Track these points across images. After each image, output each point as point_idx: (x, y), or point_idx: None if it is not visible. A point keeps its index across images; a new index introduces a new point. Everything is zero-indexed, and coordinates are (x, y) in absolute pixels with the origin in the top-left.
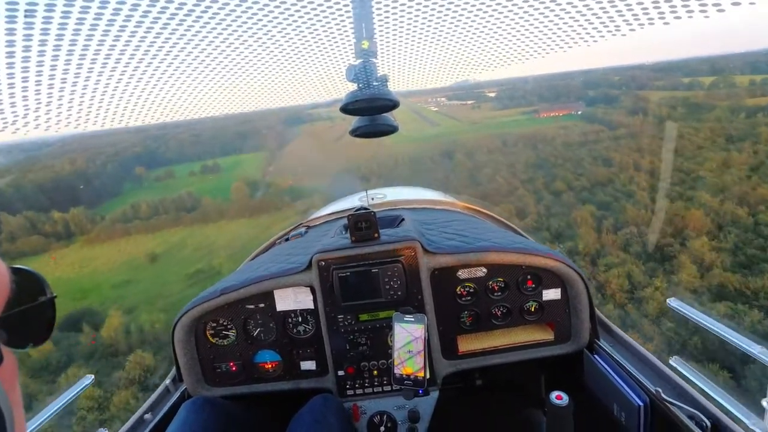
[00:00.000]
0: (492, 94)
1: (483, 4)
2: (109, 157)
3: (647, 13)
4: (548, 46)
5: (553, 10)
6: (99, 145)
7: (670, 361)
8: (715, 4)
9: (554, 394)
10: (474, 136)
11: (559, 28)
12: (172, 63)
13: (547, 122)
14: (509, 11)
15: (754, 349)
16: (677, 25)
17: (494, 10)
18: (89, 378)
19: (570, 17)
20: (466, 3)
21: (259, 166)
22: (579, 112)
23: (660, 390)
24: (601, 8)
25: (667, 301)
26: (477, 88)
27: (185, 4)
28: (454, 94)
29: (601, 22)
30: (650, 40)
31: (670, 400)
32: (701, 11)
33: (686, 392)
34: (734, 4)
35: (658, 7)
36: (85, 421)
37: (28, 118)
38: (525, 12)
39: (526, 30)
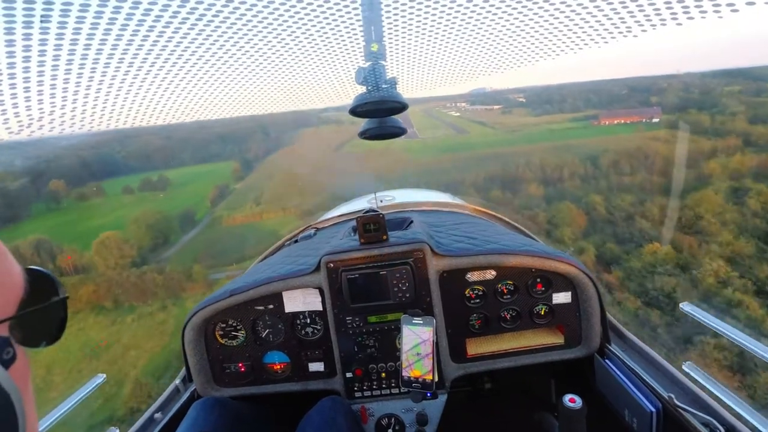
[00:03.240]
0: (522, 99)
1: (489, 6)
2: (40, 164)
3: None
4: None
5: (557, 18)
6: (44, 150)
7: (684, 367)
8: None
9: (567, 397)
10: (523, 150)
11: (567, 32)
12: (176, 63)
13: (618, 131)
14: (511, 15)
15: None
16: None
17: (499, 16)
18: (101, 377)
19: (573, 22)
20: (474, 5)
21: (224, 180)
22: (655, 120)
23: (673, 396)
24: (601, 11)
25: (680, 305)
26: (497, 96)
27: (197, 9)
28: (477, 99)
29: (604, 28)
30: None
31: (683, 406)
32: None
33: (700, 398)
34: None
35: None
36: None
37: (44, 120)
38: (530, 18)
39: (534, 32)
